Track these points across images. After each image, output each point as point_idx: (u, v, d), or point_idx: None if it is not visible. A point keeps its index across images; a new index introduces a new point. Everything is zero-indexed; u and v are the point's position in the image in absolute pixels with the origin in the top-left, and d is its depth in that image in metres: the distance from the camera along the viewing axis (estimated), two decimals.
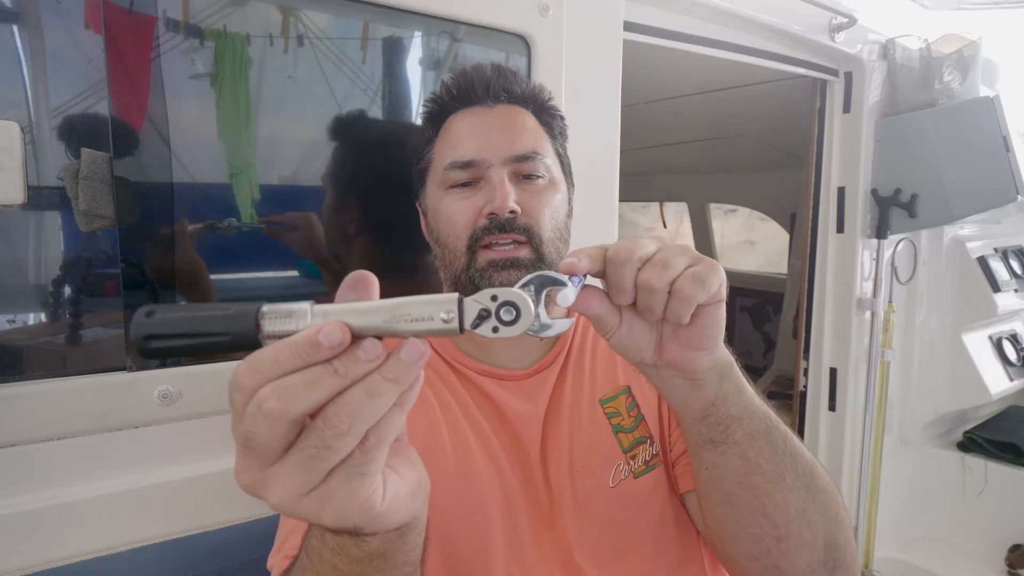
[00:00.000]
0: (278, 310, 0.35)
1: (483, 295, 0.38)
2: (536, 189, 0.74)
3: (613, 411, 0.76)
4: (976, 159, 1.83)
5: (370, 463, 0.36)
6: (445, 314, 0.36)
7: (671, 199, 4.14)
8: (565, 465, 0.73)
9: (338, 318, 0.34)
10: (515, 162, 0.73)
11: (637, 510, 0.73)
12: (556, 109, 0.82)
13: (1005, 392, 2.06)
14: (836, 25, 1.60)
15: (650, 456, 0.75)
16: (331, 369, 0.33)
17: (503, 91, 0.77)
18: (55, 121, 0.72)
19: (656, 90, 2.21)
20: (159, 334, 0.34)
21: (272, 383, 0.33)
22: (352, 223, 0.95)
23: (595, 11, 1.13)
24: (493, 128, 0.75)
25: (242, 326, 0.34)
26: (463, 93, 0.77)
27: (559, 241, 0.76)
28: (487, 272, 0.71)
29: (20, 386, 0.71)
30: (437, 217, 0.76)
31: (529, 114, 0.78)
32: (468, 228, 0.73)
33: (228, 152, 0.83)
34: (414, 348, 0.35)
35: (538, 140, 0.76)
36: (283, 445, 0.34)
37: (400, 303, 0.35)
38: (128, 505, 0.78)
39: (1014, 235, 2.30)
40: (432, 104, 0.80)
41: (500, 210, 0.70)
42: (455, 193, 0.74)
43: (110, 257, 0.75)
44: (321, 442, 0.34)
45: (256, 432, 0.33)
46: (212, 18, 0.79)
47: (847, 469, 1.88)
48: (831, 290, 1.87)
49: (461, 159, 0.73)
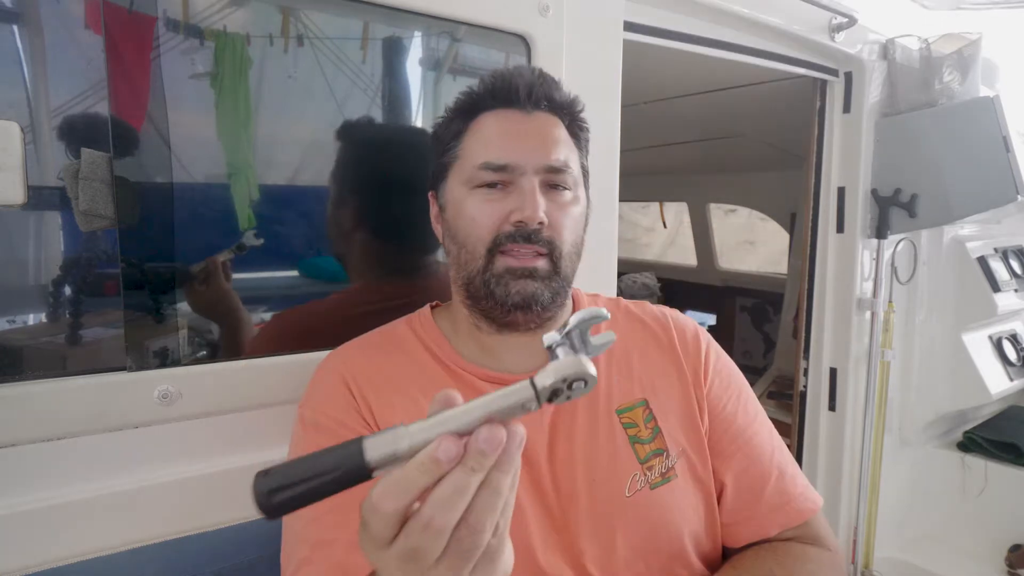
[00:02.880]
0: (378, 439, 0.39)
1: (553, 376, 0.40)
2: (563, 202, 0.74)
3: (630, 422, 0.76)
4: (976, 159, 1.83)
5: (502, 544, 0.43)
6: (528, 402, 0.40)
7: (671, 199, 4.15)
8: (579, 471, 0.73)
9: (435, 431, 0.39)
10: (547, 172, 0.72)
11: (651, 521, 0.73)
12: (585, 122, 0.81)
13: (1005, 392, 2.06)
14: (836, 25, 1.60)
15: (666, 468, 0.75)
16: (468, 469, 0.38)
17: (544, 98, 0.75)
18: (55, 121, 0.72)
19: (656, 90, 2.21)
20: (279, 487, 0.38)
21: (431, 503, 0.38)
22: (353, 221, 0.95)
23: (595, 11, 1.13)
24: (531, 134, 0.73)
25: (351, 460, 0.38)
26: (504, 93, 0.74)
27: (575, 256, 0.76)
28: (504, 278, 0.71)
29: (20, 386, 0.71)
30: (459, 214, 0.75)
31: (563, 125, 0.77)
32: (492, 232, 0.72)
33: (228, 152, 0.83)
34: (515, 433, 0.39)
35: (570, 153, 0.75)
36: (440, 551, 0.40)
37: (486, 403, 0.39)
38: (128, 505, 0.78)
39: (1014, 235, 2.30)
40: (465, 98, 0.77)
41: (531, 220, 0.70)
42: (482, 193, 0.73)
43: (110, 257, 0.75)
44: (470, 543, 0.40)
45: (424, 547, 0.39)
46: (212, 18, 0.79)
47: (847, 469, 1.88)
48: (831, 290, 1.87)
49: (496, 161, 0.72)
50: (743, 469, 0.79)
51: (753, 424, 0.82)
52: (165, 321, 0.79)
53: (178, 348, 0.81)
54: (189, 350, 0.82)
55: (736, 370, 0.87)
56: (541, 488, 0.72)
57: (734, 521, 0.79)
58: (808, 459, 1.93)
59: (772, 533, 0.78)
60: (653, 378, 0.80)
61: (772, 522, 0.78)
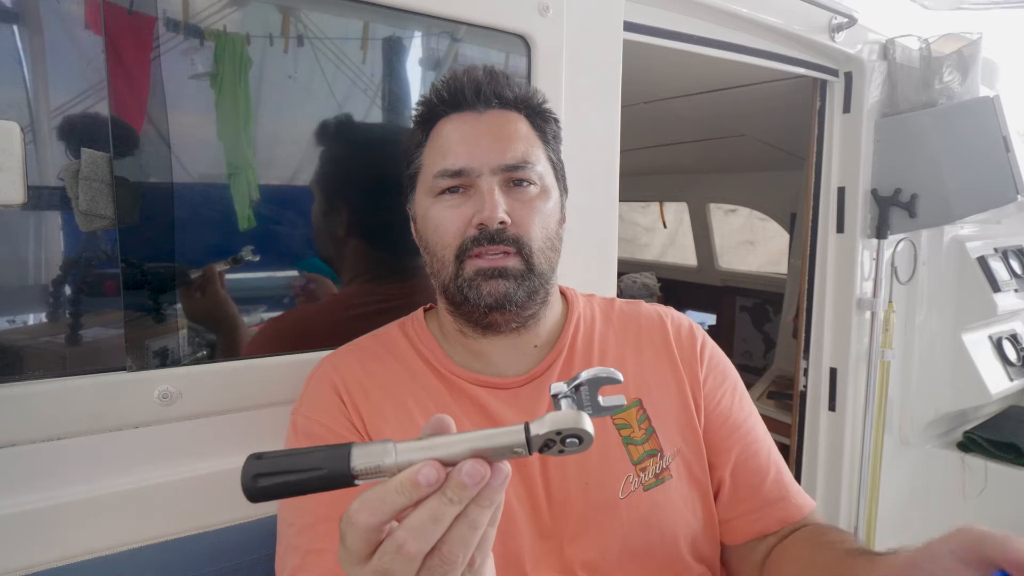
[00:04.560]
0: (366, 449, 0.40)
1: (549, 427, 0.41)
2: (527, 198, 0.73)
3: (623, 423, 0.76)
4: (976, 159, 1.83)
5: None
6: (517, 447, 0.40)
7: (671, 199, 4.15)
8: (572, 475, 0.72)
9: (421, 454, 0.39)
10: (505, 171, 0.72)
11: (646, 523, 0.73)
12: (550, 112, 0.80)
13: (1005, 392, 2.06)
14: (836, 25, 1.60)
15: (660, 470, 0.75)
16: (446, 499, 0.39)
17: (494, 96, 0.74)
18: (55, 121, 0.72)
19: (656, 90, 2.21)
20: (266, 472, 0.39)
21: (405, 526, 0.39)
22: (342, 225, 0.95)
23: (595, 11, 1.13)
24: (483, 135, 0.73)
25: (336, 463, 0.39)
26: (453, 98, 0.74)
27: (550, 251, 0.75)
28: (475, 281, 0.71)
29: (20, 386, 0.71)
30: (426, 224, 0.75)
31: (522, 119, 0.76)
32: (457, 238, 0.72)
33: (228, 152, 0.83)
34: (500, 471, 0.40)
35: (529, 147, 0.74)
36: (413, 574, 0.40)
37: (476, 438, 0.40)
38: (128, 505, 0.78)
39: (1014, 235, 2.30)
40: (422, 108, 0.78)
41: (489, 221, 0.69)
42: (444, 201, 0.73)
43: (110, 257, 0.75)
44: (441, 573, 0.40)
45: (395, 570, 0.39)
46: (212, 18, 0.79)
47: (847, 469, 1.88)
48: (831, 290, 1.87)
49: (451, 167, 0.72)
50: (741, 463, 0.79)
51: (749, 420, 0.82)
52: (165, 321, 0.79)
53: (178, 348, 0.81)
54: (189, 350, 0.82)
55: (731, 367, 0.87)
56: (532, 492, 0.72)
57: (733, 516, 0.79)
58: (808, 459, 1.93)
59: (772, 529, 0.78)
60: (647, 378, 0.80)
61: (771, 517, 0.78)
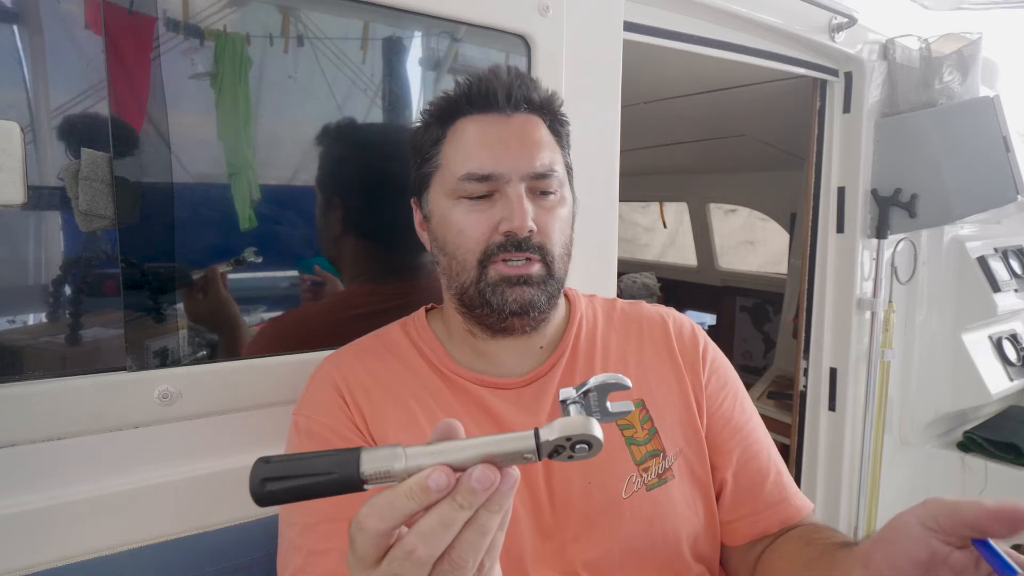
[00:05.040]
0: (376, 454, 0.40)
1: (559, 432, 0.41)
2: (550, 206, 0.73)
3: (626, 423, 0.76)
4: (976, 159, 1.83)
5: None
6: (527, 453, 0.40)
7: (671, 199, 4.15)
8: (574, 475, 0.72)
9: (430, 459, 0.39)
10: (533, 179, 0.71)
11: (648, 523, 0.73)
12: (566, 117, 0.80)
13: (1005, 392, 2.06)
14: (836, 25, 1.60)
15: (663, 470, 0.75)
16: (456, 505, 0.38)
17: (523, 100, 0.73)
18: (55, 121, 0.72)
19: (656, 90, 2.21)
20: (274, 477, 0.39)
21: (415, 532, 0.39)
22: (343, 225, 0.95)
23: (595, 11, 1.13)
24: (512, 140, 0.72)
25: (346, 468, 0.39)
26: (481, 98, 0.73)
27: (566, 256, 0.76)
28: (499, 287, 0.71)
29: (20, 386, 0.71)
30: (445, 227, 0.74)
31: (544, 125, 0.76)
32: (481, 243, 0.71)
33: (228, 152, 0.83)
34: (509, 477, 0.40)
35: (553, 155, 0.74)
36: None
37: (486, 443, 0.40)
38: (128, 505, 0.78)
39: (1014, 235, 2.30)
40: (443, 103, 0.76)
41: (520, 230, 0.69)
42: (467, 204, 0.72)
43: (110, 257, 0.75)
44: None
45: (404, 575, 0.39)
46: (212, 18, 0.79)
47: (847, 469, 1.88)
48: (831, 290, 1.87)
49: (479, 171, 0.70)
50: (743, 464, 0.79)
51: (750, 422, 0.82)
52: (165, 321, 0.79)
53: (178, 348, 0.81)
54: (189, 350, 0.82)
55: (732, 369, 0.87)
56: (535, 492, 0.72)
57: (735, 518, 0.79)
58: (808, 459, 1.93)
59: (772, 531, 0.78)
60: (649, 379, 0.80)
61: (772, 519, 0.78)
